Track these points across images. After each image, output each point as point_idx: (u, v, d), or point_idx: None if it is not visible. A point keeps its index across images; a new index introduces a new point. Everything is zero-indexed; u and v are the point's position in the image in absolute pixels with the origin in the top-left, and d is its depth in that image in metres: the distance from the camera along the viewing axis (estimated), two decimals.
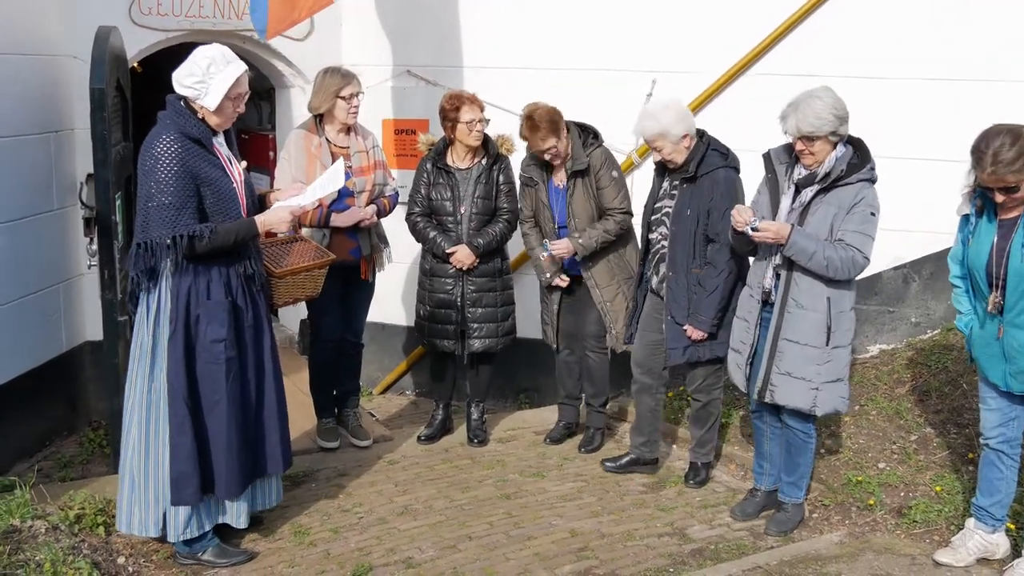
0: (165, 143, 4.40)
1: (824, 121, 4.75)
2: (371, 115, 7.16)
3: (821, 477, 5.78)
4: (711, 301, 5.38)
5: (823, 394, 4.98)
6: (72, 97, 6.36)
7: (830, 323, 4.90)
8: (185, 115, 4.50)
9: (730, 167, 5.42)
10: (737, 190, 5.40)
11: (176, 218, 4.40)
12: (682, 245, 5.44)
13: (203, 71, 4.47)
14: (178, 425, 4.58)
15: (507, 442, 6.57)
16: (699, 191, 5.39)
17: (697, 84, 7.01)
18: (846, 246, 4.79)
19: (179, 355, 4.55)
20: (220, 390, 4.64)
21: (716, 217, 5.33)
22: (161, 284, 4.54)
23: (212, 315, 4.59)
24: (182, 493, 4.64)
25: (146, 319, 4.59)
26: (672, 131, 5.35)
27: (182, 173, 4.40)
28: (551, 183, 6.09)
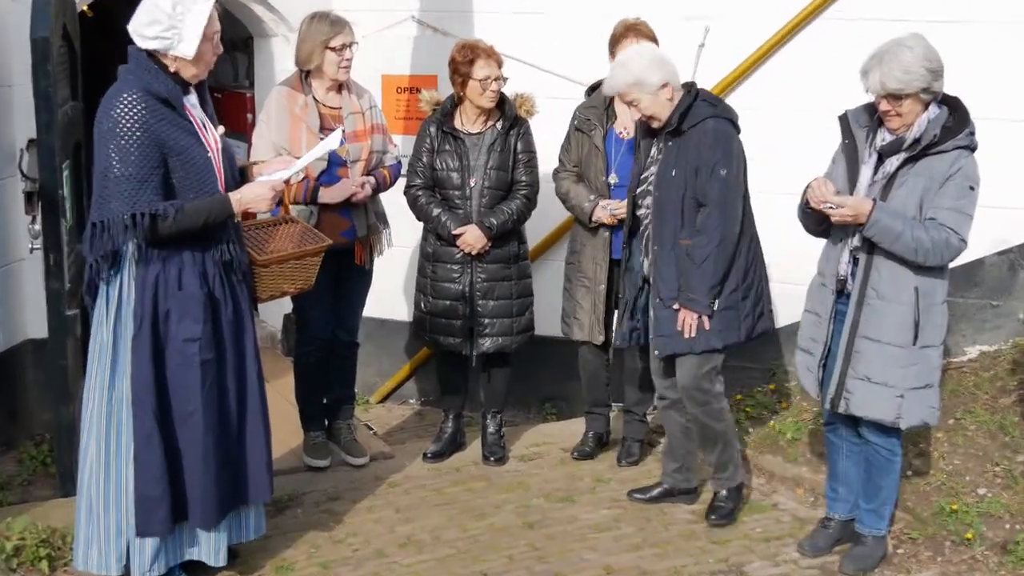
0: (126, 103, 4.38)
1: (914, 75, 4.72)
2: (368, 70, 7.13)
3: (908, 505, 5.75)
4: (702, 275, 5.29)
5: (908, 403, 4.95)
6: (9, 47, 6.33)
7: (918, 318, 4.88)
8: (151, 70, 4.47)
9: (721, 116, 5.38)
10: (731, 144, 5.35)
11: (137, 192, 4.38)
12: (669, 213, 5.38)
13: (168, 14, 4.42)
14: (144, 440, 4.56)
15: (530, 460, 6.56)
16: (685, 146, 5.35)
17: (759, 32, 6.97)
18: (939, 225, 4.76)
19: (145, 357, 4.53)
20: (194, 399, 4.62)
21: (705, 175, 5.28)
22: (124, 272, 4.53)
23: (185, 309, 4.57)
24: (149, 521, 4.62)
25: (106, 314, 4.57)
26: (648, 79, 5.29)
27: (146, 139, 4.38)
28: (611, 131, 6.14)
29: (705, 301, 5.31)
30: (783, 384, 6.98)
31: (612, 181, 6.09)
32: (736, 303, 5.39)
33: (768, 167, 6.80)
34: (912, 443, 6.12)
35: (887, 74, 4.75)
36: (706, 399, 5.54)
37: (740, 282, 5.39)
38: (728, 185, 5.27)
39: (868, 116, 5.03)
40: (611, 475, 6.33)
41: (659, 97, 5.32)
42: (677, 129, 5.35)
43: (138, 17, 4.45)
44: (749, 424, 6.75)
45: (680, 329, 5.39)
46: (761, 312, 5.53)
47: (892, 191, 4.85)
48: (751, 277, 5.44)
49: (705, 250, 5.28)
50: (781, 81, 6.93)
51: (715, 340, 5.40)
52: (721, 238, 5.28)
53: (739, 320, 5.42)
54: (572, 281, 6.32)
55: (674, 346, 5.45)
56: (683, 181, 5.32)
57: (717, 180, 5.24)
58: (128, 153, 4.36)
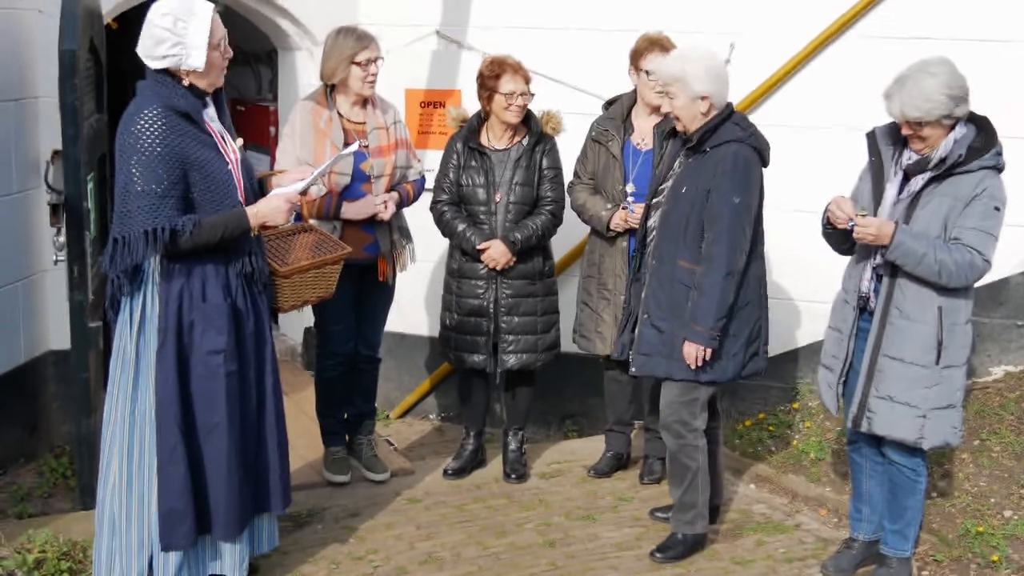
0: (147, 119, 4.40)
1: (935, 104, 4.72)
2: (392, 84, 7.15)
3: (933, 527, 5.72)
4: (708, 305, 5.15)
5: (931, 423, 4.94)
6: (36, 59, 6.38)
7: (941, 337, 4.87)
8: (167, 84, 4.49)
9: (747, 144, 5.25)
10: (750, 173, 5.22)
11: (158, 208, 4.40)
12: (672, 229, 5.31)
13: (170, 31, 4.45)
14: (168, 453, 4.57)
15: (551, 478, 6.54)
16: (702, 166, 5.25)
17: (785, 49, 6.96)
18: (962, 247, 4.76)
19: (169, 369, 4.54)
20: (219, 410, 4.63)
21: (716, 199, 5.17)
22: (147, 286, 4.54)
23: (209, 321, 4.58)
24: (174, 534, 4.62)
25: (129, 327, 4.58)
26: (694, 83, 5.19)
27: (167, 155, 4.40)
28: (629, 142, 6.14)
29: (708, 334, 5.18)
30: (806, 403, 6.96)
31: (630, 191, 6.09)
32: (725, 337, 5.26)
33: (793, 184, 6.80)
34: (937, 464, 6.09)
35: (907, 102, 4.75)
36: (682, 432, 5.42)
37: (732, 317, 5.26)
38: (738, 214, 5.16)
39: (895, 134, 5.02)
40: (633, 493, 6.30)
41: (694, 106, 5.25)
42: (699, 147, 5.30)
43: (143, 41, 4.48)
44: (772, 443, 6.74)
45: (661, 350, 5.31)
46: (756, 352, 5.41)
47: (916, 210, 4.85)
48: (746, 314, 5.30)
49: (711, 280, 5.16)
50: (806, 98, 6.91)
51: (698, 372, 5.28)
52: (728, 270, 5.15)
53: (727, 355, 5.29)
54: (592, 295, 6.31)
55: (652, 367, 5.38)
56: (692, 200, 5.24)
57: (728, 206, 5.14)
58: (149, 169, 4.37)
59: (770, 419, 6.97)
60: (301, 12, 7.59)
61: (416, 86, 7.72)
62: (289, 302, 5.03)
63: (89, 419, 5.65)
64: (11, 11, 6.25)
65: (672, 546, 5.54)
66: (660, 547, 5.56)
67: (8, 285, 6.32)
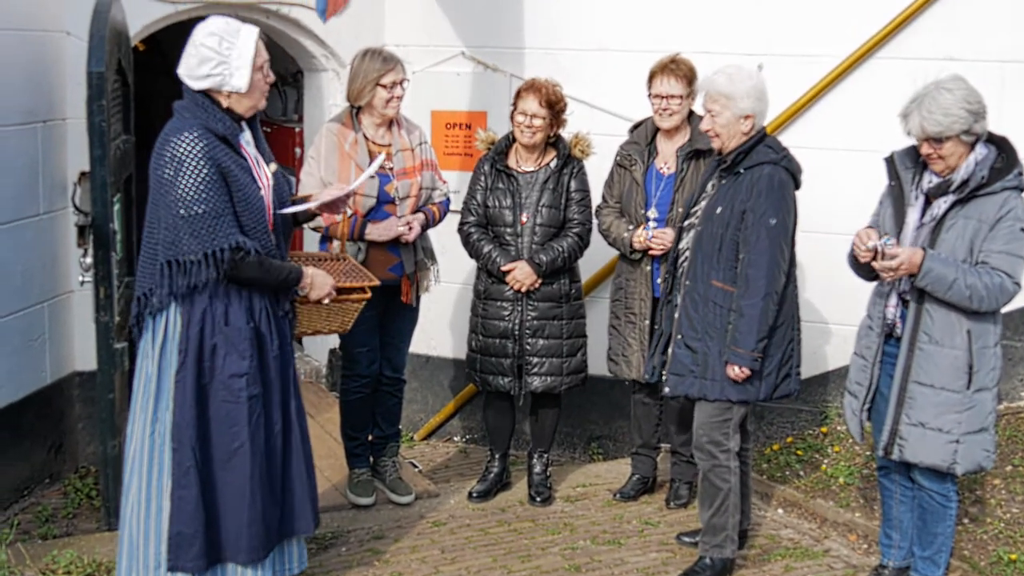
0: (188, 142, 4.40)
1: (954, 118, 4.72)
2: (417, 106, 7.19)
3: (964, 553, 5.68)
4: (748, 327, 5.16)
5: (964, 447, 4.92)
6: (64, 81, 6.43)
7: (971, 361, 4.86)
8: (206, 107, 4.50)
9: (781, 166, 5.26)
10: (785, 194, 5.23)
11: (214, 228, 4.41)
12: (707, 250, 5.31)
13: (216, 51, 4.47)
14: (181, 476, 4.57)
15: (576, 501, 6.53)
16: (738, 187, 5.26)
17: (813, 71, 6.96)
18: (991, 270, 4.75)
19: (188, 391, 4.55)
20: (241, 435, 4.63)
21: (752, 221, 5.17)
22: (170, 307, 4.54)
23: (232, 344, 4.59)
24: (181, 557, 4.61)
25: (151, 348, 4.59)
26: (740, 101, 5.21)
27: (215, 174, 4.41)
28: (652, 167, 6.16)
29: (750, 356, 5.18)
30: (835, 427, 6.92)
31: (651, 215, 6.09)
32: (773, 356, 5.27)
33: (821, 207, 6.78)
34: (969, 490, 6.05)
35: (927, 118, 4.75)
36: (715, 452, 5.40)
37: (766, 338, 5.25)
38: (775, 235, 5.16)
39: (914, 158, 5.03)
40: (659, 518, 6.28)
41: (737, 124, 5.27)
42: (733, 168, 5.30)
43: (186, 60, 4.49)
44: (800, 467, 6.70)
45: (694, 370, 5.32)
46: (788, 373, 5.37)
47: (941, 234, 4.84)
48: (780, 335, 5.27)
49: (751, 302, 5.16)
50: (834, 120, 6.90)
51: (730, 391, 5.28)
52: (767, 291, 5.16)
53: (760, 376, 5.26)
54: (620, 318, 6.31)
55: (686, 387, 5.38)
56: (727, 221, 5.24)
57: (764, 228, 5.14)
58: (198, 191, 4.37)
59: (798, 443, 6.93)
60: (327, 34, 7.62)
61: (442, 107, 7.74)
62: (301, 328, 5.02)
63: (114, 440, 5.67)
64: (40, 33, 6.30)
65: (700, 570, 5.50)
66: (687, 572, 5.52)
67: (34, 306, 6.35)
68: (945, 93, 4.74)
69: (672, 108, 6.02)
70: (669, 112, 6.03)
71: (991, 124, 4.89)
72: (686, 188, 6.00)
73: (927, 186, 4.94)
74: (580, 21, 7.37)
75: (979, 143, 4.84)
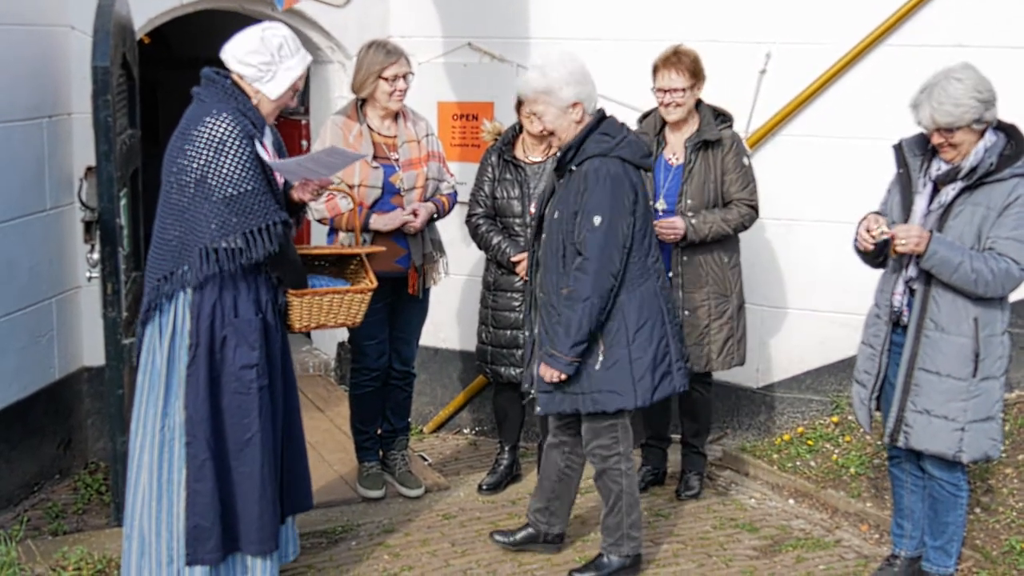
0: (227, 123, 4.45)
1: (965, 107, 4.73)
2: (424, 97, 7.18)
3: (976, 543, 5.68)
4: (563, 331, 4.97)
5: (970, 436, 4.93)
6: (69, 75, 6.44)
7: (978, 349, 4.87)
8: (237, 95, 4.58)
9: (611, 156, 5.01)
10: (615, 189, 4.96)
11: (266, 204, 4.48)
12: (550, 258, 5.11)
13: (273, 53, 4.59)
14: (197, 469, 4.62)
15: (587, 493, 6.50)
16: (570, 187, 5.05)
17: (821, 59, 6.93)
18: (998, 256, 4.76)
19: (201, 384, 4.59)
20: (252, 425, 4.69)
21: (580, 222, 4.95)
22: (178, 300, 4.57)
23: (242, 336, 4.63)
24: (199, 550, 4.67)
25: (159, 342, 4.62)
26: (560, 93, 5.00)
27: (255, 155, 4.48)
28: (661, 157, 6.15)
29: (565, 360, 5.00)
30: (845, 417, 6.92)
31: (660, 207, 6.09)
32: (626, 362, 5.06)
33: (830, 195, 6.79)
34: (980, 479, 6.05)
35: (937, 108, 4.75)
36: (604, 456, 5.28)
37: (629, 340, 5.05)
38: (603, 235, 4.93)
39: (923, 145, 5.03)
40: (670, 509, 6.29)
41: (567, 115, 5.05)
42: (566, 166, 5.11)
43: (242, 43, 4.58)
44: (811, 457, 6.70)
45: (562, 386, 5.12)
46: (666, 372, 5.16)
47: (949, 221, 4.85)
48: (645, 335, 5.08)
49: (569, 305, 4.96)
50: (844, 108, 6.88)
51: (604, 402, 5.10)
52: (588, 294, 4.93)
53: (632, 381, 5.07)
54: None
55: (557, 404, 5.20)
56: (563, 224, 5.05)
57: (589, 229, 4.92)
58: (245, 169, 4.45)
59: (809, 433, 6.93)
60: (332, 25, 7.61)
61: (448, 99, 7.73)
62: (301, 322, 5.01)
63: (124, 436, 5.68)
64: (44, 28, 6.31)
65: (596, 568, 5.42)
66: (581, 569, 5.46)
67: (42, 302, 6.37)
68: (955, 82, 4.74)
69: (677, 100, 6.01)
70: (674, 105, 6.02)
71: (1000, 111, 4.88)
72: (695, 179, 6.00)
73: (935, 173, 4.94)
74: (588, 9, 7.35)
75: (988, 130, 4.85)
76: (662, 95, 6.03)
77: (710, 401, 6.39)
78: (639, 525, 5.43)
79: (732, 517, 6.19)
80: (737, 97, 6.77)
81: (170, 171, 4.52)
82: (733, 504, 6.36)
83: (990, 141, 4.83)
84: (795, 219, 6.96)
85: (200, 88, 4.59)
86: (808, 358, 7.12)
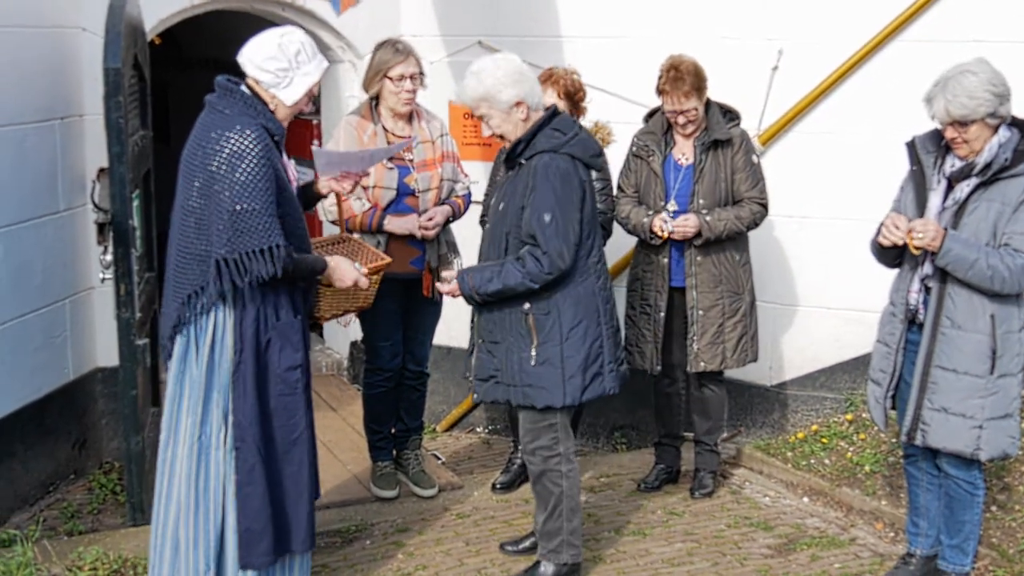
0: (250, 139, 4.44)
1: (979, 100, 4.71)
2: (435, 96, 7.18)
3: (992, 541, 5.67)
4: (495, 280, 4.92)
5: (988, 433, 4.91)
6: (81, 77, 6.46)
7: (995, 346, 4.85)
8: (257, 106, 4.57)
9: (561, 152, 4.96)
10: (564, 185, 4.92)
11: (270, 226, 4.46)
12: (492, 249, 5.13)
13: (290, 58, 4.58)
14: (247, 473, 4.61)
15: (600, 492, 6.54)
16: (518, 181, 5.03)
17: (834, 55, 6.91)
18: (1014, 252, 4.74)
19: (249, 389, 4.59)
20: (299, 425, 4.72)
21: (528, 217, 4.93)
22: (219, 309, 4.57)
23: (286, 338, 4.66)
24: (252, 553, 4.65)
25: (195, 350, 4.60)
26: (500, 96, 4.95)
27: (271, 174, 4.48)
28: (671, 157, 6.13)
29: (471, 292, 4.99)
30: (860, 414, 6.91)
31: (671, 208, 6.07)
32: (557, 359, 5.00)
33: (843, 193, 6.77)
34: (997, 477, 6.03)
35: (952, 101, 4.74)
36: (544, 456, 5.18)
37: (563, 338, 5.00)
38: (553, 230, 4.89)
39: (936, 142, 5.02)
40: (684, 508, 6.28)
41: (512, 116, 5.01)
42: (515, 160, 5.07)
43: (258, 48, 4.57)
44: (825, 455, 6.70)
45: (495, 375, 5.12)
46: (597, 372, 5.10)
47: (964, 217, 4.84)
48: (579, 334, 5.02)
49: (513, 271, 4.91)
50: (857, 105, 6.87)
51: (533, 397, 5.05)
52: (531, 279, 4.90)
53: (562, 379, 5.01)
54: (635, 309, 6.30)
55: (493, 393, 5.17)
56: (508, 218, 5.03)
57: (540, 225, 4.89)
58: (256, 187, 4.43)
59: (823, 431, 6.92)
60: (343, 25, 7.63)
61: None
62: (330, 311, 5.06)
63: (138, 436, 5.71)
64: (56, 30, 6.33)
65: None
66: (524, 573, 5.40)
67: (55, 303, 6.40)
68: (970, 76, 4.73)
69: (690, 118, 5.97)
70: (688, 122, 5.99)
71: (1015, 107, 4.87)
72: (706, 179, 5.99)
73: (949, 170, 4.93)
74: (598, 7, 7.35)
75: (1003, 126, 4.83)
76: (674, 115, 5.99)
77: (723, 399, 6.38)
78: (579, 532, 5.32)
79: (746, 515, 6.18)
80: (749, 94, 6.76)
81: (191, 183, 4.49)
82: (747, 502, 6.35)
83: (1004, 136, 4.82)
84: (807, 216, 6.95)
85: (215, 97, 4.57)
86: (822, 356, 7.10)
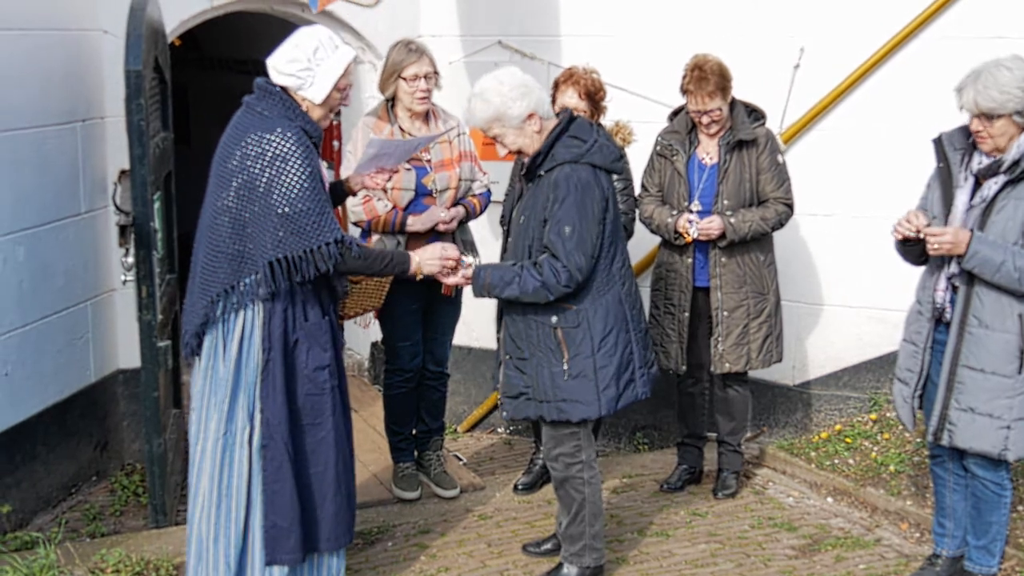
0: (291, 142, 4.48)
1: (1009, 96, 4.70)
2: (455, 96, 7.16)
3: (1020, 542, 5.65)
4: (511, 285, 4.89)
5: (1016, 433, 4.88)
6: (102, 79, 6.48)
7: (1023, 346, 4.81)
8: (294, 108, 4.60)
9: (582, 163, 4.93)
10: (584, 196, 4.88)
11: (319, 223, 4.49)
12: (514, 260, 5.08)
13: (309, 57, 4.58)
14: (275, 470, 4.65)
15: (622, 492, 6.52)
16: (538, 193, 4.97)
17: (856, 52, 6.89)
18: None
19: (278, 388, 4.62)
20: (326, 425, 4.74)
21: (549, 229, 4.89)
22: (247, 309, 4.59)
23: (314, 338, 4.68)
24: (277, 549, 4.68)
25: (222, 348, 4.63)
26: (510, 112, 4.91)
27: (316, 172, 4.52)
28: (695, 157, 6.11)
29: (484, 288, 4.96)
30: (884, 414, 6.88)
31: (695, 208, 6.06)
32: (591, 371, 4.99)
33: (867, 191, 6.74)
34: (1023, 476, 6.00)
35: (982, 92, 4.74)
36: (568, 464, 5.19)
37: (595, 349, 4.98)
38: (574, 243, 4.85)
39: (963, 139, 5.00)
40: (707, 508, 6.27)
41: (525, 130, 4.97)
42: (535, 172, 5.02)
43: (284, 52, 4.60)
44: (849, 455, 6.67)
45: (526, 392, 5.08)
46: (631, 379, 5.11)
47: (991, 216, 4.82)
48: (610, 343, 5.01)
49: (531, 277, 4.87)
50: (880, 102, 6.84)
51: (569, 412, 5.03)
52: (548, 289, 4.87)
53: (596, 391, 5.00)
54: (659, 308, 6.29)
55: (523, 410, 5.14)
56: (530, 231, 4.99)
57: (560, 237, 4.85)
58: (303, 188, 4.46)
59: (847, 430, 6.90)
60: (362, 25, 7.62)
61: None
62: (354, 309, 5.16)
63: (160, 437, 5.72)
64: (77, 32, 6.35)
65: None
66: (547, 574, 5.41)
67: (77, 305, 6.41)
68: (1004, 71, 4.72)
69: (715, 118, 5.95)
70: (712, 122, 5.97)
71: None
72: (731, 179, 5.96)
73: (977, 167, 4.91)
74: (618, 5, 7.33)
75: None
76: (699, 115, 5.97)
77: (747, 399, 6.36)
78: (602, 536, 5.34)
79: (770, 516, 6.16)
80: (771, 92, 6.74)
81: (227, 183, 4.51)
82: (771, 503, 6.32)
83: None
84: (830, 214, 6.92)
85: (254, 98, 4.60)
86: (845, 355, 7.07)
